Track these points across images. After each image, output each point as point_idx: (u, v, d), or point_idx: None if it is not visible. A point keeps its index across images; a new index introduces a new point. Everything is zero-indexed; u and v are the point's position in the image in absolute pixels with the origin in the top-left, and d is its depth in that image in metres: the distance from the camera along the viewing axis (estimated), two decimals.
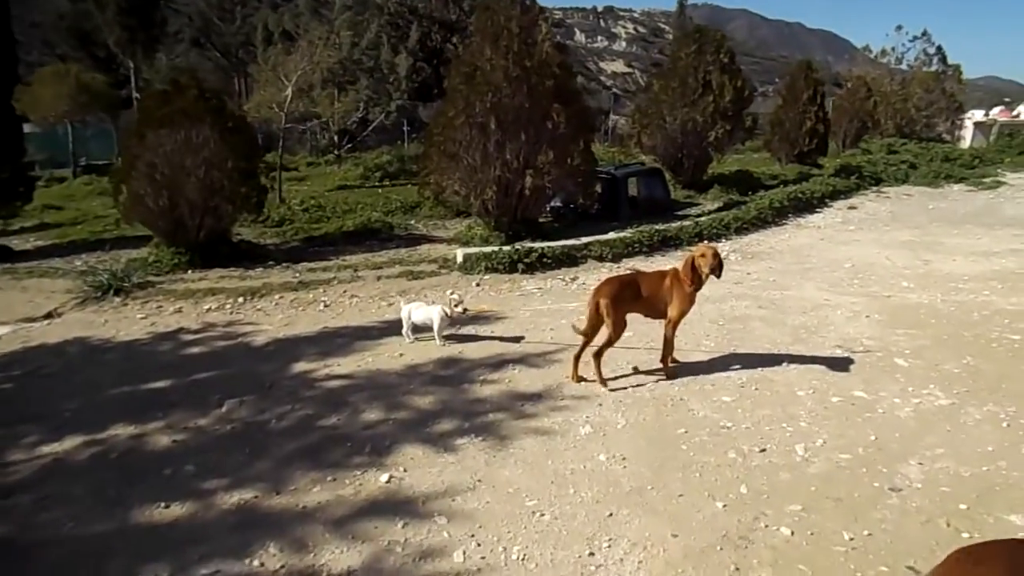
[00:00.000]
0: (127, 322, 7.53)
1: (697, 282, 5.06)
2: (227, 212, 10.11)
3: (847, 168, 17.27)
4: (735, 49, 16.53)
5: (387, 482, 3.97)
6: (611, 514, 3.56)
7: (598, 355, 5.02)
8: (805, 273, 8.54)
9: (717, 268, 5.00)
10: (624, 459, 4.09)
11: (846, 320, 6.67)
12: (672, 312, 5.12)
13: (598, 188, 11.43)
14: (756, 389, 5.01)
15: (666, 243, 9.97)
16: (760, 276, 8.45)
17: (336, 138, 24.19)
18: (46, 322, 7.83)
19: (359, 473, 4.08)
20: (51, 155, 25.19)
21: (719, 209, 12.89)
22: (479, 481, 3.93)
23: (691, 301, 5.13)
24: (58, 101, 23.33)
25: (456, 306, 6.00)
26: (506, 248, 9.02)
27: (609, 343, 4.99)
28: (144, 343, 6.80)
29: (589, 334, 5.08)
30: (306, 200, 14.97)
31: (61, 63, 27.13)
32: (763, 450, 4.13)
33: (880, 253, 9.60)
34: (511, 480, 3.93)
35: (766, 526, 3.40)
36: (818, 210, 13.37)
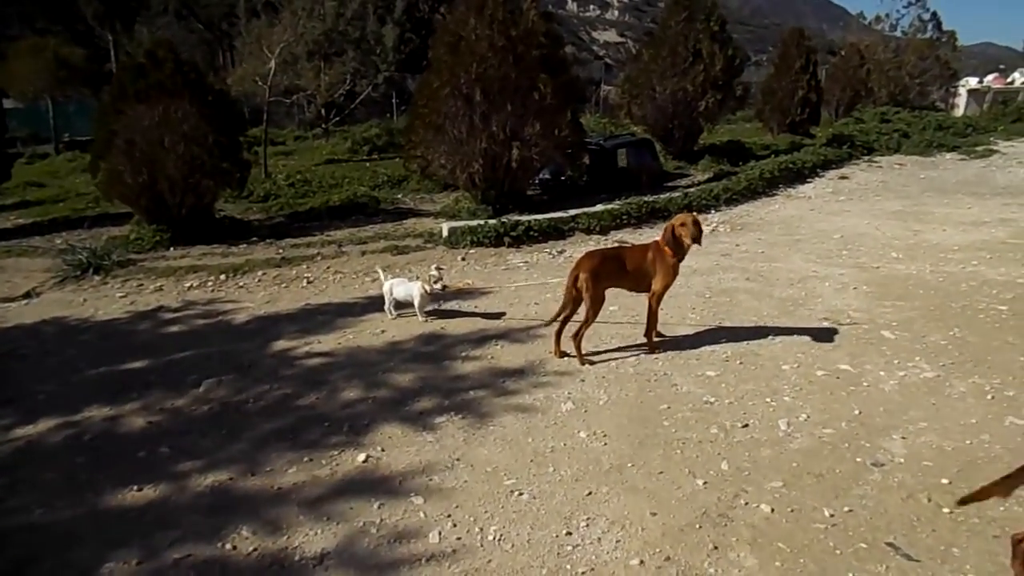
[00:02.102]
0: (106, 301, 7.42)
1: (679, 252, 4.98)
2: (209, 188, 9.95)
3: (839, 137, 17.10)
4: (728, 16, 16.28)
5: (364, 462, 3.90)
6: (590, 492, 3.50)
7: (577, 334, 4.93)
8: (794, 245, 8.46)
9: (698, 236, 4.90)
10: (605, 436, 4.03)
11: (834, 292, 6.60)
12: (656, 285, 5.03)
13: (587, 159, 11.25)
14: (741, 363, 4.95)
15: (655, 215, 9.85)
16: (749, 248, 8.36)
17: (324, 111, 23.83)
18: (23, 302, 7.71)
19: (336, 453, 4.01)
20: (34, 131, 24.78)
21: (709, 180, 12.77)
22: (457, 460, 3.87)
23: (675, 273, 5.05)
24: (36, 76, 22.91)
25: (436, 282, 5.90)
26: (492, 222, 8.90)
27: (588, 321, 4.90)
28: (122, 322, 6.70)
29: (567, 309, 5.00)
30: (292, 175, 14.77)
31: (39, 37, 26.57)
32: (746, 425, 4.07)
33: (870, 224, 9.52)
34: (490, 459, 3.87)
35: (746, 503, 3.35)
36: (809, 180, 13.24)
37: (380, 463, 3.88)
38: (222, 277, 7.97)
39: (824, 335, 5.42)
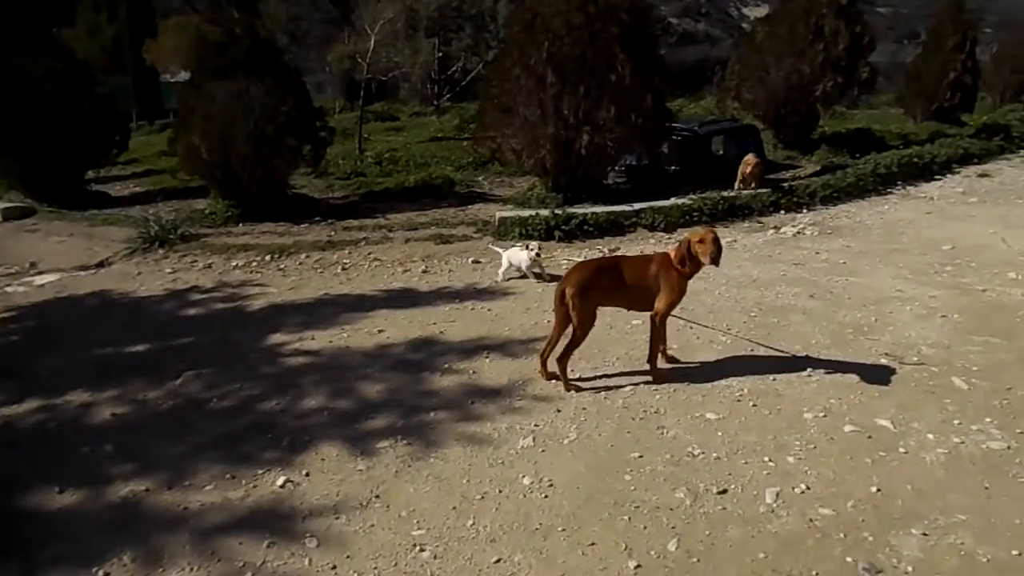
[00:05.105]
0: (154, 276, 7.58)
1: (692, 270, 4.25)
2: (278, 165, 10.01)
3: (991, 127, 14.82)
4: None
5: (281, 487, 3.56)
6: (499, 560, 2.95)
7: (563, 357, 4.31)
8: (887, 256, 7.22)
9: (717, 256, 4.15)
10: (551, 486, 3.44)
11: (913, 319, 5.49)
12: (659, 304, 4.32)
13: (665, 148, 10.33)
14: (754, 405, 4.14)
15: (733, 212, 8.83)
16: (830, 257, 7.23)
17: (436, 88, 23.90)
18: (93, 271, 8.05)
19: (261, 472, 3.69)
20: None
21: (816, 173, 11.38)
22: (376, 497, 3.43)
23: (682, 291, 4.33)
24: (179, 53, 24.49)
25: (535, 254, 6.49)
26: (544, 213, 8.30)
27: (574, 342, 4.27)
28: (154, 301, 6.77)
29: (557, 328, 4.39)
30: (381, 153, 14.77)
31: (189, 15, 28.47)
32: (723, 492, 3.33)
33: (995, 233, 7.97)
34: (411, 499, 3.40)
35: None
36: (937, 177, 11.47)
37: (296, 491, 3.52)
38: (267, 257, 7.95)
39: (875, 377, 4.45)
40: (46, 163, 11.43)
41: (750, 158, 9.73)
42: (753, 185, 9.56)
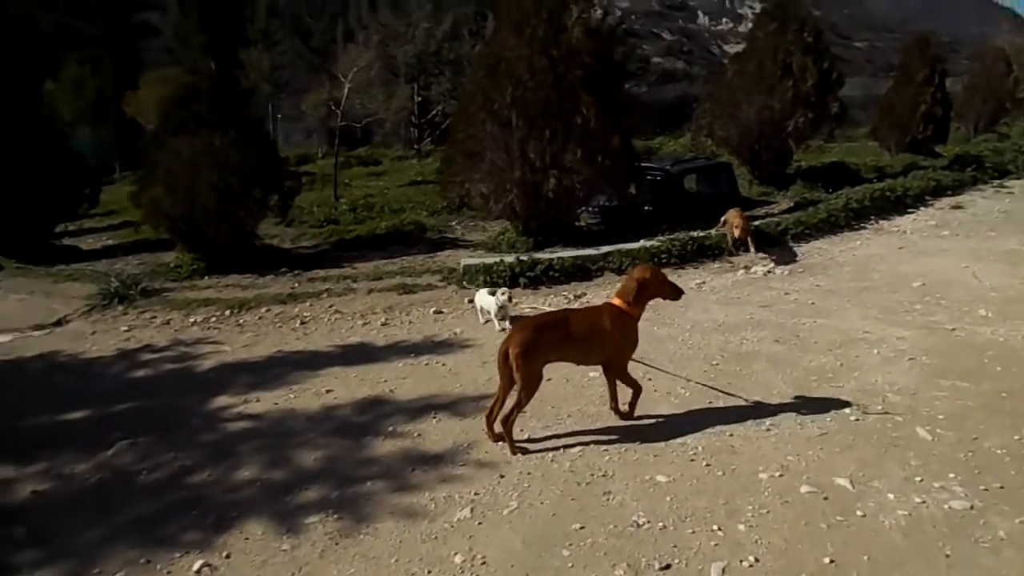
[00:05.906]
0: (108, 336, 7.36)
1: (642, 310, 4.17)
2: (244, 217, 9.89)
3: (963, 158, 14.89)
4: (875, 25, 14.70)
5: (197, 572, 3.31)
6: None
7: (508, 420, 4.10)
8: (857, 295, 7.07)
9: (679, 293, 4.14)
10: (484, 564, 3.20)
11: (880, 363, 5.31)
12: (617, 355, 4.24)
13: (634, 189, 10.27)
14: (708, 465, 3.92)
15: (703, 252, 8.71)
16: (799, 297, 7.08)
17: (417, 132, 24.10)
18: (47, 331, 7.81)
19: (178, 556, 3.44)
20: None
21: (789, 209, 11.33)
22: None
23: (636, 337, 4.25)
24: (159, 105, 24.57)
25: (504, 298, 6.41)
26: (508, 259, 8.14)
27: (519, 404, 4.06)
28: (102, 363, 6.55)
29: (502, 390, 4.18)
30: (358, 199, 14.71)
31: (174, 67, 28.75)
32: (666, 567, 3.10)
33: (968, 268, 7.87)
34: None
35: None
36: (911, 210, 11.42)
37: None
38: (226, 312, 7.74)
39: (837, 429, 4.26)
40: (12, 219, 11.30)
41: (732, 215, 8.87)
42: (750, 242, 8.64)
